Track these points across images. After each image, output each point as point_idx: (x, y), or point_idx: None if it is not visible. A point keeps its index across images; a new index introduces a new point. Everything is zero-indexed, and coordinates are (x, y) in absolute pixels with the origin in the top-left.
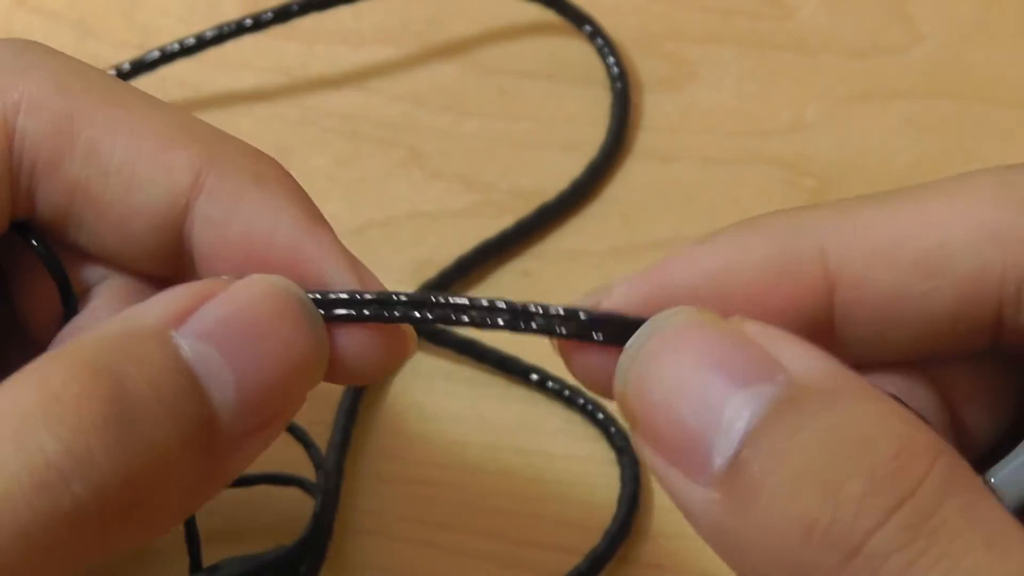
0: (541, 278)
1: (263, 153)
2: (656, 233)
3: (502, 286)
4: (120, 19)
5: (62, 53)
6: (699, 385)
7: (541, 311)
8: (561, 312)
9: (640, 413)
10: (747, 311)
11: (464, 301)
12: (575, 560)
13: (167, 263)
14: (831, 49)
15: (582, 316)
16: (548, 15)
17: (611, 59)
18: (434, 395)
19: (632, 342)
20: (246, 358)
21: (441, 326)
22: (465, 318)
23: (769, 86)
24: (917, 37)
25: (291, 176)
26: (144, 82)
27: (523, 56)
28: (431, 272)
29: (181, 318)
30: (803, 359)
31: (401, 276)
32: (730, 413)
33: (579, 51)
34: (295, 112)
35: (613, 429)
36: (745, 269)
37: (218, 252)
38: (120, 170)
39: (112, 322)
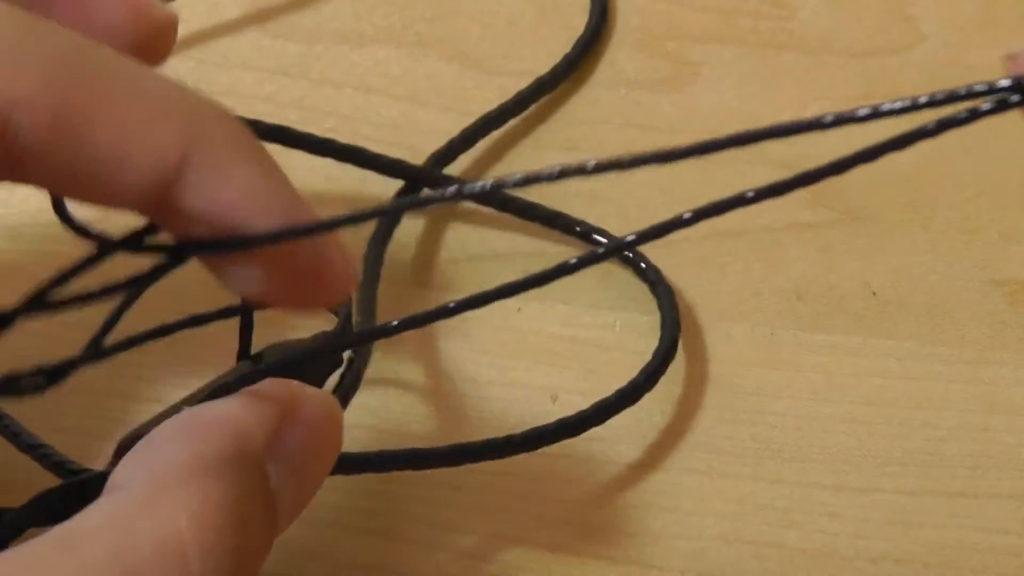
0: None
1: (232, 116)
2: None
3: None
4: None
5: (54, 33)
6: None
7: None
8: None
9: None
10: None
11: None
12: (578, 561)
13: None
14: (832, 49)
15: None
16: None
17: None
18: (434, 394)
19: None
20: (308, 477)
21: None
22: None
23: (770, 86)
24: (918, 37)
25: (253, 136)
26: None
27: (523, 56)
28: (432, 272)
29: (273, 440)
30: None
31: (403, 276)
32: None
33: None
34: (295, 112)
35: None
36: None
37: (207, 213)
38: (110, 155)
39: (223, 437)
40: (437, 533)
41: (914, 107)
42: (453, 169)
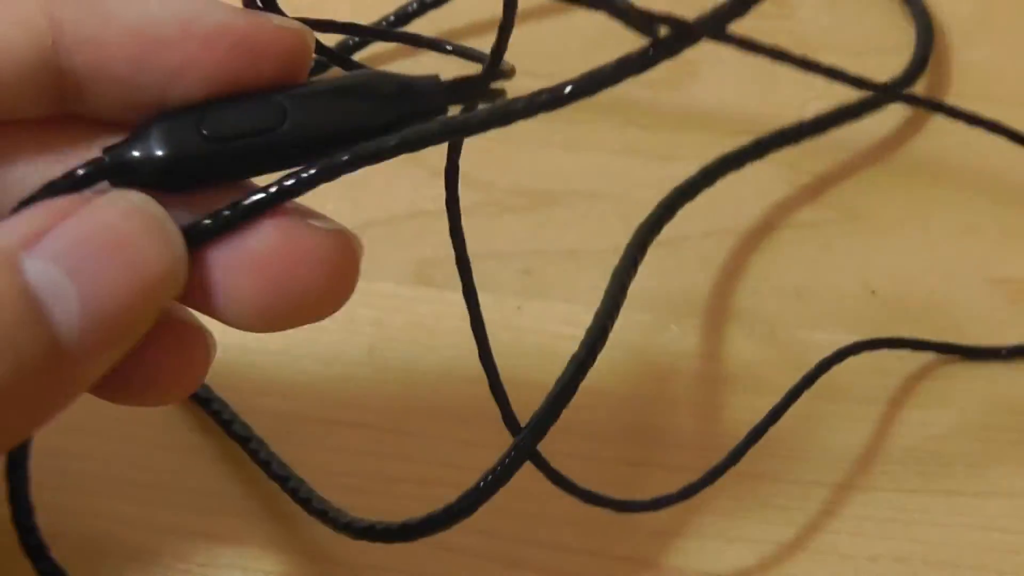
0: (542, 277)
1: None
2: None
3: (503, 284)
4: None
5: None
6: None
7: None
8: None
9: None
10: None
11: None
12: (580, 559)
13: (48, 106)
14: (832, 48)
15: None
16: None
17: None
18: (438, 394)
19: None
20: (93, 280)
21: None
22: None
23: (770, 85)
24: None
25: None
26: None
27: (522, 55)
28: (433, 271)
29: (35, 239)
30: None
31: (403, 274)
32: None
33: None
34: None
35: None
36: None
37: (108, 63)
38: None
39: None
40: (438, 532)
41: None
42: None
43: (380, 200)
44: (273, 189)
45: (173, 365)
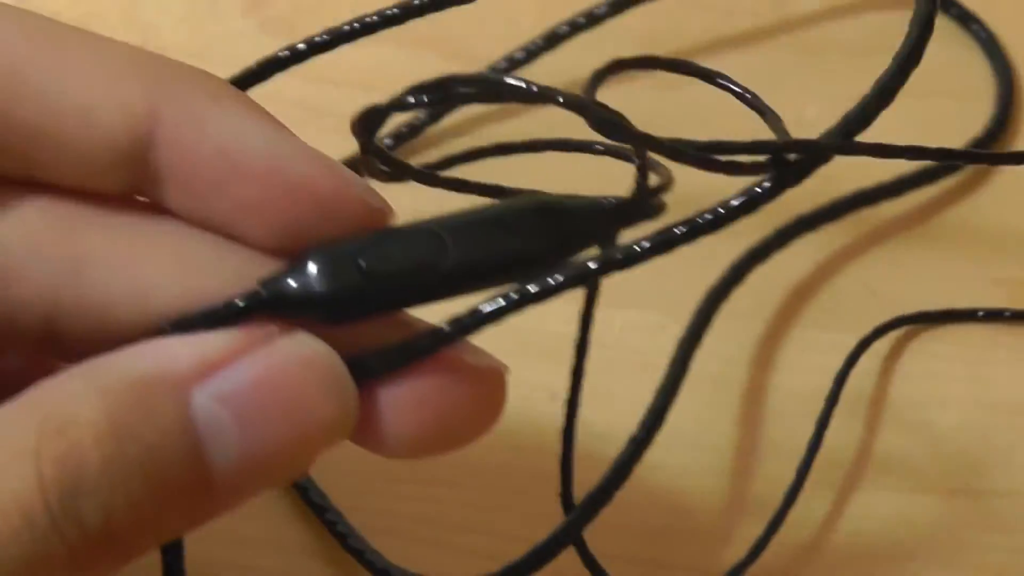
0: None
1: (212, 74)
2: None
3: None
4: (120, 19)
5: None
6: None
7: None
8: None
9: None
10: None
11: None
12: (578, 558)
13: (127, 186)
14: (832, 48)
15: None
16: None
17: None
18: None
19: None
20: (259, 429)
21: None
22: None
23: (770, 85)
24: None
25: (241, 92)
26: None
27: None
28: None
29: (205, 373)
30: None
31: None
32: None
33: None
34: (296, 112)
35: None
36: None
37: (190, 173)
38: (74, 111)
39: (143, 358)
40: (439, 531)
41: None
42: None
43: None
44: (445, 330)
45: None
